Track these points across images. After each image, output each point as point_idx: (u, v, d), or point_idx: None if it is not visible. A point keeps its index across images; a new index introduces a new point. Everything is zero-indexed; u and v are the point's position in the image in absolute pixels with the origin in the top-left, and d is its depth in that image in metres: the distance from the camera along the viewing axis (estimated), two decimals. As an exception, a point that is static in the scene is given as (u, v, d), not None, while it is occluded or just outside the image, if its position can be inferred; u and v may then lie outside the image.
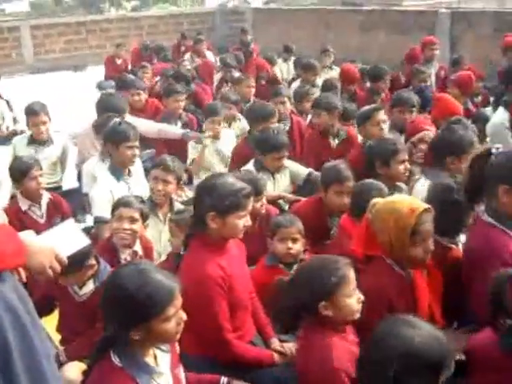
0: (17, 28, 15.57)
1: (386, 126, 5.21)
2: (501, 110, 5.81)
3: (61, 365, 3.33)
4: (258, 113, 5.61)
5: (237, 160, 5.39)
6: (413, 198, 3.12)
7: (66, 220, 2.93)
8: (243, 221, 3.04)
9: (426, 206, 2.89)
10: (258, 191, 3.84)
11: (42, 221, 4.67)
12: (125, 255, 3.87)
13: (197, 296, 2.81)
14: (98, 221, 4.40)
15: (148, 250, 4.07)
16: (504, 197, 2.92)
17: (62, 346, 3.55)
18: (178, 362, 2.47)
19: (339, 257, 2.69)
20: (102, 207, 4.40)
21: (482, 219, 3.04)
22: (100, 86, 10.82)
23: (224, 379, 2.76)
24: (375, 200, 3.04)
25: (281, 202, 4.96)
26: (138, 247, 3.95)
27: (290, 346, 3.20)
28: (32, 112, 5.80)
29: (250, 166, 4.88)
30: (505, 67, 7.32)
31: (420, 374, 2.06)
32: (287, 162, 5.03)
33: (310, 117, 6.28)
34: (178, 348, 2.52)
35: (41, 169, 4.76)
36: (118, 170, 4.68)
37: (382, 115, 5.11)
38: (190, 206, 3.81)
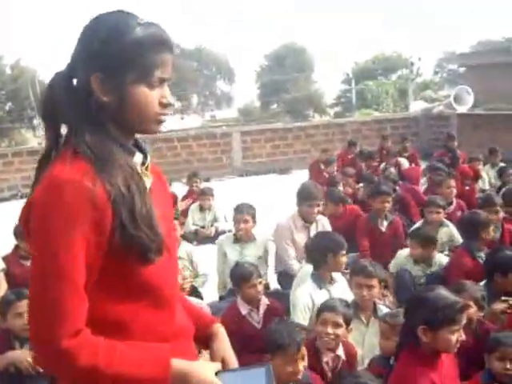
0: (228, 134, 16.71)
1: None
2: None
3: None
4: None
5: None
6: None
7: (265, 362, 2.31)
8: (456, 335, 2.96)
9: None
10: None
11: (259, 326, 4.78)
12: (327, 358, 3.92)
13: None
14: None
15: (351, 357, 4.06)
16: None
17: None
18: None
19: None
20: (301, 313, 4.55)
21: None
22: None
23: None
24: None
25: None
26: (340, 351, 3.97)
27: None
28: (238, 210, 6.19)
29: None
30: None
31: None
32: None
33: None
34: None
35: (260, 276, 4.94)
36: (321, 277, 4.78)
37: None
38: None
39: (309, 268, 4.97)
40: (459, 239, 6.13)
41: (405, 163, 11.63)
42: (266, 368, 1.76)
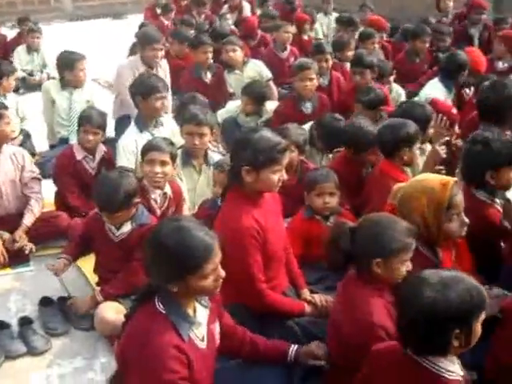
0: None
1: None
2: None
3: (97, 305, 3.48)
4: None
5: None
6: (436, 175, 3.10)
7: None
8: (278, 175, 3.05)
9: (454, 179, 2.89)
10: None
11: (93, 172, 4.75)
12: (155, 195, 4.01)
13: (232, 246, 2.82)
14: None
15: (177, 194, 4.17)
16: None
17: (99, 286, 3.68)
18: (215, 318, 2.53)
19: (407, 224, 2.66)
20: (125, 157, 4.59)
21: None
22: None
23: (293, 348, 2.79)
24: (398, 185, 3.05)
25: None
26: (167, 189, 4.07)
27: (321, 297, 3.27)
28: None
29: None
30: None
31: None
32: None
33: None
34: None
35: None
36: (144, 121, 4.79)
37: None
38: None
39: None
40: (268, 74, 6.74)
41: (247, 8, 11.42)
42: None
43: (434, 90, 5.58)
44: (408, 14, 11.15)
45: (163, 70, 6.33)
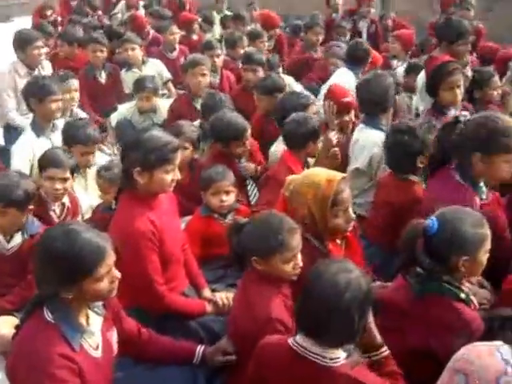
0: None
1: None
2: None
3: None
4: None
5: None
6: (327, 170, 3.13)
7: None
8: (171, 175, 3.02)
9: (342, 175, 2.96)
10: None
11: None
12: (54, 207, 3.90)
13: (128, 250, 2.80)
14: None
15: (74, 204, 4.07)
16: (478, 164, 3.07)
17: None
18: (111, 326, 2.48)
19: (289, 221, 2.68)
20: (21, 164, 4.42)
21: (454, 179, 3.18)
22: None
23: (200, 348, 2.79)
24: (290, 177, 3.09)
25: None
26: (66, 200, 3.96)
27: (222, 295, 3.27)
28: None
29: None
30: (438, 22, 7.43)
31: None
32: None
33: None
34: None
35: None
36: (40, 126, 4.64)
37: None
38: (117, 161, 3.80)
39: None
40: (167, 75, 6.81)
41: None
42: None
43: (341, 76, 5.66)
44: (297, 13, 11.37)
45: (46, 72, 6.15)
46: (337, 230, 2.94)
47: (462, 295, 2.53)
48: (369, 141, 4.08)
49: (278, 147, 4.37)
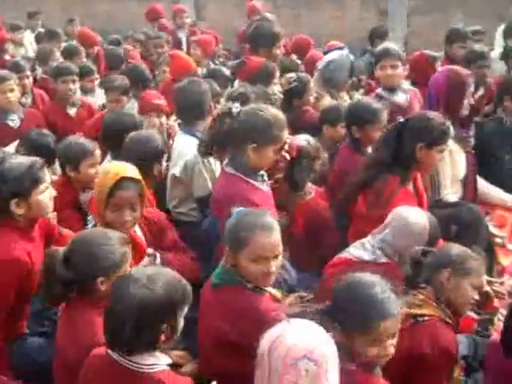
0: None
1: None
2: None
3: None
4: None
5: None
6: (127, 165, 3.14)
7: None
8: (47, 194, 2.96)
9: (135, 176, 3.01)
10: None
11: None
12: None
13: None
14: None
15: None
16: (252, 154, 3.12)
17: None
18: None
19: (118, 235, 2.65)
20: None
21: (225, 171, 3.26)
22: None
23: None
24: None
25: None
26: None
27: None
28: None
29: None
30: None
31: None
32: None
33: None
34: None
35: None
36: None
37: None
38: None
39: None
40: None
41: None
42: None
43: None
44: (116, 25, 11.29)
45: None
46: (109, 224, 2.94)
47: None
48: (184, 148, 4.04)
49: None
